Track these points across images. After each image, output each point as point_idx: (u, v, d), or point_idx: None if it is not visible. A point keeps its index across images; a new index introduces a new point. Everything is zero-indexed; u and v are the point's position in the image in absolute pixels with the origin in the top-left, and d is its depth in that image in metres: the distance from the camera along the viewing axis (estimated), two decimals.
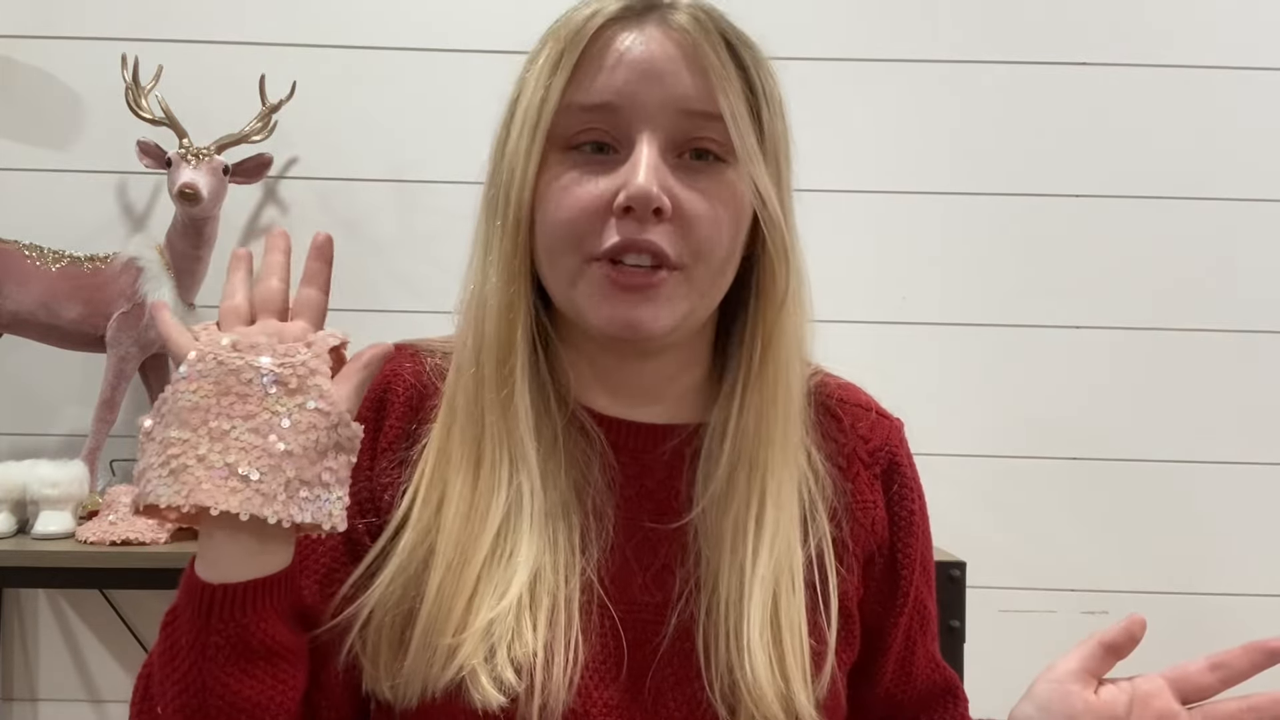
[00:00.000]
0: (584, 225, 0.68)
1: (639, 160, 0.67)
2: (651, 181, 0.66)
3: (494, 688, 0.64)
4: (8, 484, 1.42)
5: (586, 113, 0.69)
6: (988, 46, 1.75)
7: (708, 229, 0.68)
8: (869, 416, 0.82)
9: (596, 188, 0.68)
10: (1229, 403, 1.73)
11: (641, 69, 0.68)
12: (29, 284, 1.52)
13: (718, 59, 0.69)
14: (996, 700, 1.86)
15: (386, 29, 1.73)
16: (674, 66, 0.68)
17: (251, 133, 1.60)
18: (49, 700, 1.73)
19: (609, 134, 0.69)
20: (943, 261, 1.74)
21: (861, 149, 1.74)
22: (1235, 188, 1.74)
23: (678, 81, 0.68)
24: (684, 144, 0.69)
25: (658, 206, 0.66)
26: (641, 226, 0.67)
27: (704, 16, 0.70)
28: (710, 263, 0.69)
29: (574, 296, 0.70)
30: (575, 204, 0.68)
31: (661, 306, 0.68)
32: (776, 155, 0.72)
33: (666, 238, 0.67)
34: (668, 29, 0.69)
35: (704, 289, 0.71)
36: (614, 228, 0.67)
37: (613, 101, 0.68)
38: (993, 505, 1.73)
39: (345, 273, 1.87)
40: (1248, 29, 1.75)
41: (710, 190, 0.69)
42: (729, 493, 0.71)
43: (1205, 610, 1.73)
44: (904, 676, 0.83)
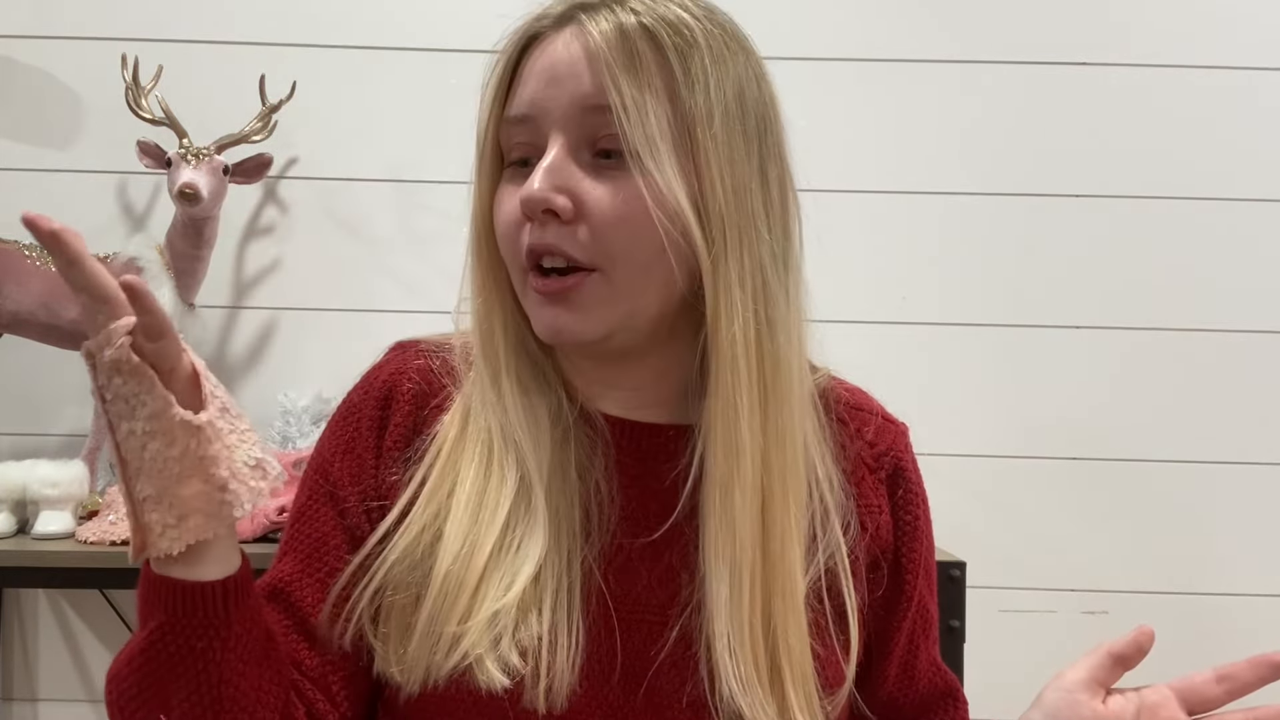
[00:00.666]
0: (511, 236, 0.70)
1: (539, 166, 0.68)
2: (539, 185, 0.66)
3: (499, 670, 0.65)
4: (8, 484, 1.42)
5: (512, 126, 0.71)
6: (988, 46, 1.75)
7: (615, 226, 0.66)
8: (874, 421, 0.81)
9: (514, 200, 0.69)
10: (1229, 403, 1.73)
11: (548, 76, 0.69)
12: (29, 284, 1.52)
13: (621, 49, 0.66)
14: (996, 700, 1.86)
15: (386, 29, 1.73)
16: (576, 67, 0.68)
17: (251, 133, 1.60)
18: (49, 700, 1.73)
19: (531, 144, 0.70)
20: (942, 261, 1.74)
21: (861, 149, 1.74)
22: (1235, 188, 1.74)
23: (579, 82, 0.67)
24: (591, 141, 0.68)
25: (546, 208, 0.66)
26: (543, 230, 0.67)
27: (626, 11, 0.68)
28: (630, 262, 0.67)
29: (526, 306, 0.72)
30: (503, 217, 0.71)
31: (587, 312, 0.68)
32: (692, 132, 0.67)
33: (568, 238, 0.67)
34: (580, 30, 0.68)
35: (631, 290, 0.68)
36: (527, 233, 0.69)
37: (527, 113, 0.69)
38: (993, 505, 1.73)
39: (345, 273, 1.87)
40: (1248, 29, 1.75)
41: (619, 186, 0.66)
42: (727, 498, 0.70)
43: (1205, 610, 1.73)
44: (906, 680, 0.83)
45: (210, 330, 1.69)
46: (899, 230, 1.74)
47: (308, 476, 0.78)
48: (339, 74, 1.73)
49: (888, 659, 0.81)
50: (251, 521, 1.38)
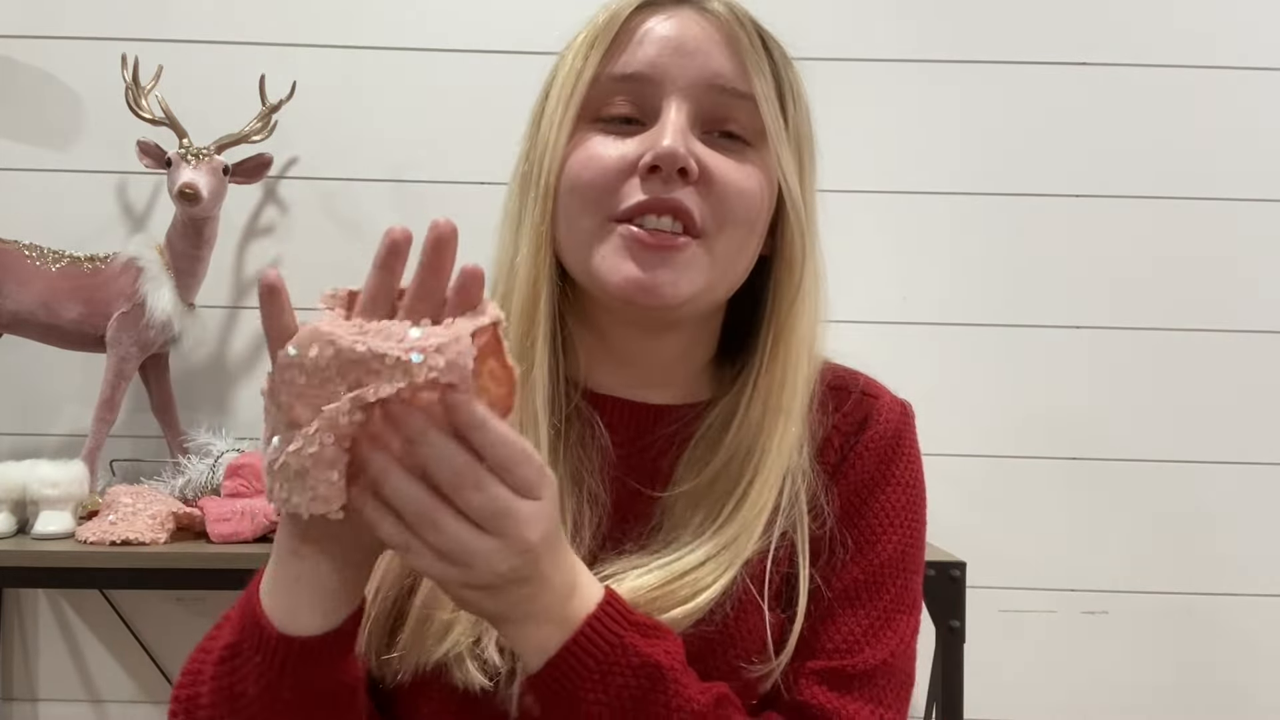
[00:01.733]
0: (606, 185, 0.68)
1: (666, 122, 0.67)
2: (679, 141, 0.66)
3: (478, 669, 0.65)
4: (8, 484, 1.42)
5: (617, 83, 0.70)
6: (988, 46, 1.75)
7: (734, 196, 0.69)
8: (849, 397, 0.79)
9: (621, 149, 0.68)
10: (1229, 403, 1.73)
11: (674, 44, 0.69)
12: (29, 284, 1.52)
13: (750, 44, 0.70)
14: (996, 700, 1.87)
15: (386, 29, 1.73)
16: (707, 44, 0.69)
17: (251, 133, 1.60)
18: (49, 700, 1.73)
19: (638, 105, 0.70)
20: (943, 261, 1.74)
21: (861, 149, 1.74)
22: (1235, 188, 1.74)
23: (710, 58, 0.69)
24: (712, 121, 0.70)
25: (683, 166, 0.66)
26: (667, 186, 0.67)
27: (739, 8, 0.72)
28: (734, 233, 0.70)
29: (591, 260, 0.69)
30: (598, 164, 0.69)
31: (681, 273, 0.68)
32: (800, 149, 0.74)
33: (692, 199, 0.67)
34: (703, 13, 0.71)
35: (725, 262, 0.70)
36: (638, 187, 0.68)
37: (643, 72, 0.69)
38: (993, 505, 1.73)
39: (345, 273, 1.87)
40: (1248, 29, 1.75)
41: (737, 162, 0.70)
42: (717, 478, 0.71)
43: (1205, 610, 1.73)
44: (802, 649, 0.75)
45: (210, 330, 1.69)
46: (899, 230, 1.74)
47: None
48: (339, 74, 1.73)
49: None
50: (251, 521, 1.38)
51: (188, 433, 1.60)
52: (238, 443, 1.56)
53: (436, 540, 0.52)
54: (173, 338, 1.56)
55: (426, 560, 0.53)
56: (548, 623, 0.58)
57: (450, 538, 0.51)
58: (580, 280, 0.72)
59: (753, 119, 0.70)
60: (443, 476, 0.51)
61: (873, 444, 0.77)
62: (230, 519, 1.38)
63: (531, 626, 0.58)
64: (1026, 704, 1.73)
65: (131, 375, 1.55)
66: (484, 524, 0.52)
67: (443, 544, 0.52)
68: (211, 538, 1.38)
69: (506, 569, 0.53)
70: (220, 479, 1.47)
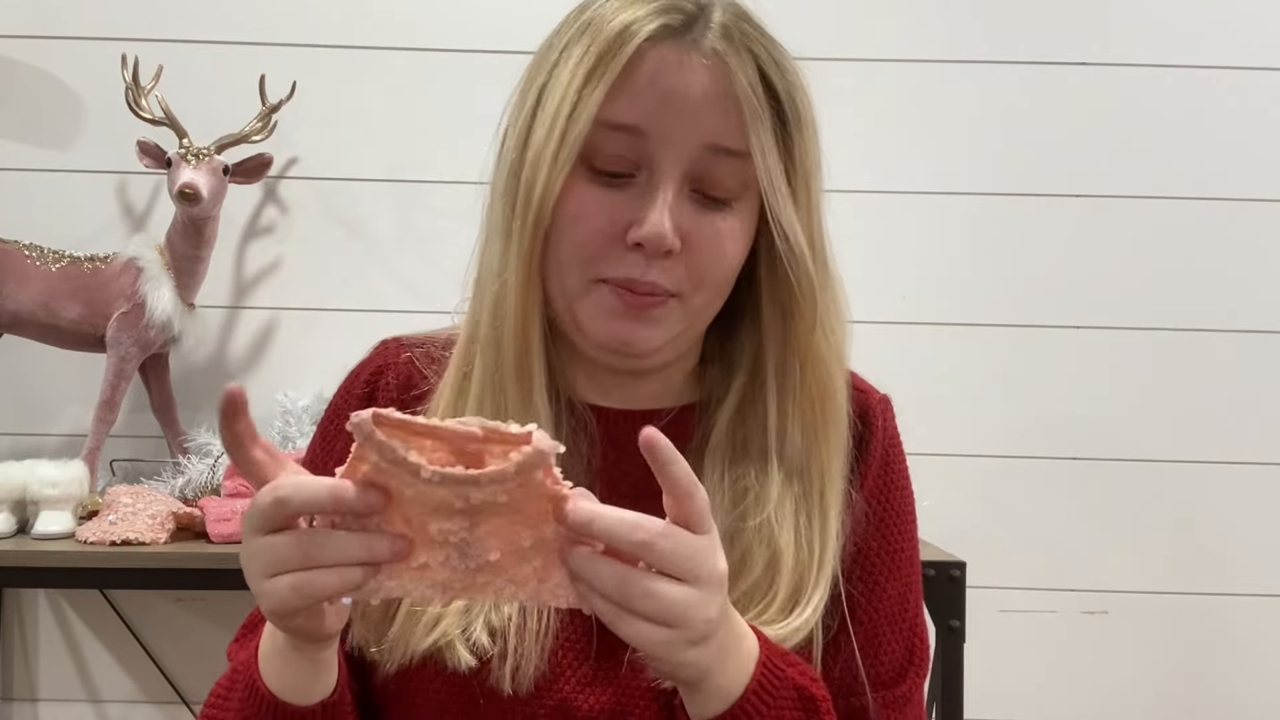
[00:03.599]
0: (594, 249, 0.69)
1: (655, 198, 0.67)
2: (666, 226, 0.67)
3: (466, 649, 0.67)
4: (8, 484, 1.42)
5: (613, 131, 0.68)
6: (988, 46, 1.75)
7: (710, 261, 0.70)
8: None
9: (609, 212, 0.68)
10: (1229, 403, 1.73)
11: (677, 101, 0.67)
12: (29, 284, 1.53)
13: (750, 90, 0.68)
14: (996, 700, 1.86)
15: (386, 29, 1.73)
16: (705, 101, 0.68)
17: (251, 133, 1.60)
18: (49, 700, 1.73)
19: (630, 159, 0.69)
20: (943, 261, 1.74)
21: (861, 149, 1.74)
22: (1235, 188, 1.74)
23: (707, 117, 0.68)
24: (701, 180, 0.69)
25: (668, 249, 0.68)
26: (649, 265, 0.68)
27: (738, 36, 0.69)
28: (708, 291, 0.71)
29: (576, 311, 0.71)
30: (589, 225, 0.69)
31: (657, 326, 0.70)
32: (808, 181, 0.73)
33: (669, 274, 0.69)
34: (702, 54, 0.68)
35: (696, 314, 0.72)
36: (624, 259, 0.68)
37: (640, 126, 0.68)
38: (993, 505, 1.73)
39: (345, 273, 1.88)
40: (1248, 29, 1.75)
41: (720, 224, 0.70)
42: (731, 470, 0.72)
43: (1205, 610, 1.73)
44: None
45: (210, 330, 1.69)
46: (899, 230, 1.74)
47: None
48: (339, 74, 1.73)
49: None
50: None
51: (188, 433, 1.60)
52: None
53: (652, 607, 0.53)
54: (173, 338, 1.56)
55: (645, 631, 0.54)
56: (735, 664, 0.60)
57: (662, 597, 0.53)
58: (562, 321, 0.73)
59: (743, 173, 0.69)
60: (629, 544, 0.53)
61: (878, 448, 0.79)
62: (230, 519, 1.38)
63: (731, 669, 0.60)
64: (1026, 704, 1.73)
65: (131, 375, 1.55)
66: (680, 573, 0.54)
67: (657, 608, 0.53)
68: (211, 538, 1.38)
69: (715, 612, 0.55)
70: (220, 479, 1.47)
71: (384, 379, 0.79)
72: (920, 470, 0.85)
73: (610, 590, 0.53)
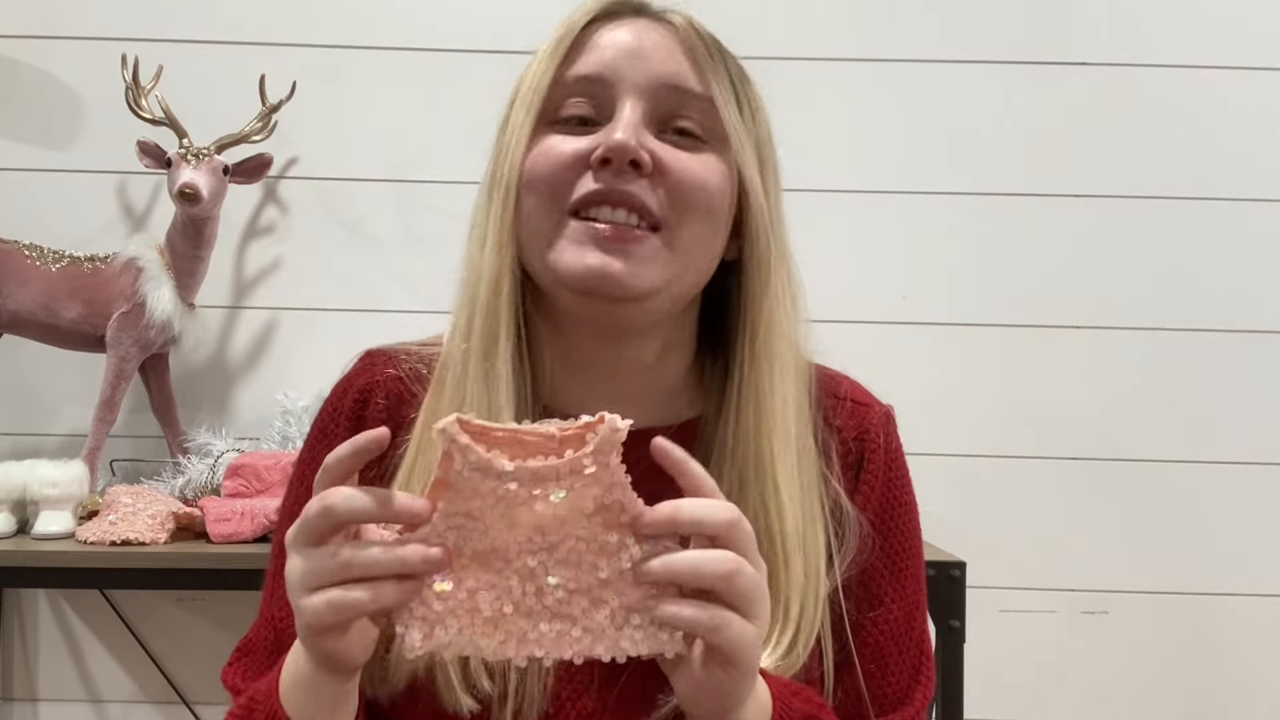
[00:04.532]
0: (561, 179, 0.68)
1: (619, 118, 0.68)
2: (630, 135, 0.67)
3: (465, 692, 0.65)
4: (8, 484, 1.42)
5: (573, 85, 0.70)
6: (988, 46, 1.75)
7: (691, 185, 0.69)
8: (844, 407, 0.79)
9: (575, 145, 0.69)
10: (1229, 403, 1.73)
11: (630, 48, 0.70)
12: (29, 284, 1.53)
13: (708, 53, 0.72)
14: (996, 700, 1.86)
15: (386, 29, 1.73)
16: (661, 50, 0.71)
17: (251, 133, 1.60)
18: (49, 700, 1.73)
19: (594, 106, 0.70)
20: (943, 261, 1.74)
21: (862, 148, 1.74)
22: (1235, 188, 1.74)
23: (665, 60, 0.70)
24: (667, 119, 0.70)
25: (634, 159, 0.67)
26: (619, 179, 0.67)
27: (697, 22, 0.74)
28: (694, 223, 0.69)
29: (549, 254, 0.69)
30: (553, 159, 0.69)
31: (642, 265, 0.68)
32: (761, 156, 0.73)
33: (646, 191, 0.68)
34: (659, 22, 0.73)
35: (686, 255, 0.70)
36: (591, 180, 0.68)
37: (599, 73, 0.70)
38: (993, 505, 1.73)
39: (345, 273, 1.87)
40: (1248, 29, 1.75)
41: (695, 153, 0.70)
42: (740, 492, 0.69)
43: (1205, 610, 1.73)
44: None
45: (210, 330, 1.69)
46: (899, 230, 1.74)
47: (288, 502, 0.78)
48: (339, 74, 1.73)
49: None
50: (251, 521, 1.38)
51: (188, 433, 1.60)
52: (238, 443, 1.56)
53: (730, 647, 0.54)
54: (173, 338, 1.56)
55: (719, 675, 0.55)
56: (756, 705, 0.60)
57: (744, 637, 0.54)
58: (542, 280, 0.71)
59: (708, 118, 0.70)
60: (712, 574, 0.54)
61: (879, 465, 0.77)
62: (230, 519, 1.38)
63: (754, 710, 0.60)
64: (1026, 704, 1.73)
65: (131, 375, 1.55)
66: (750, 612, 0.54)
67: (735, 647, 0.54)
68: (211, 538, 1.38)
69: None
70: (220, 479, 1.47)
71: (374, 399, 0.76)
72: (920, 470, 0.85)
73: (706, 633, 0.53)
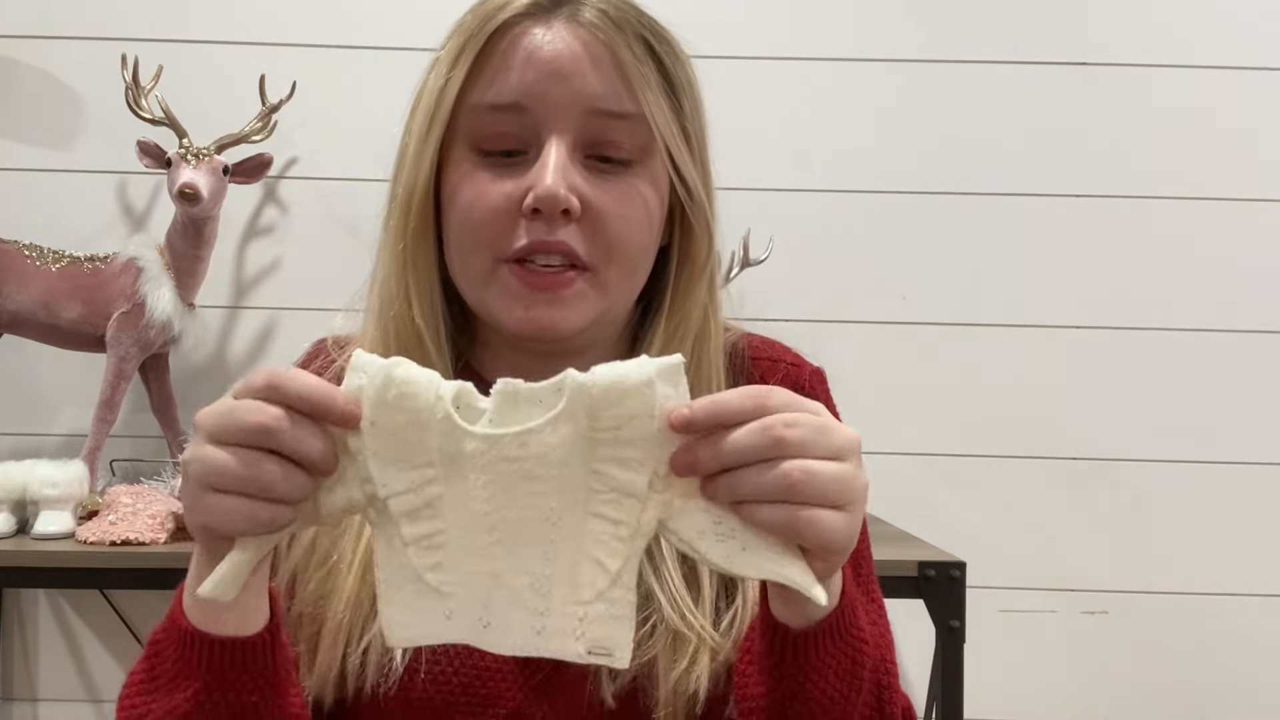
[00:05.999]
0: (493, 227, 0.68)
1: (547, 161, 0.66)
2: (559, 183, 0.66)
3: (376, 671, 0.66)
4: (8, 484, 1.42)
5: (494, 113, 0.68)
6: (988, 46, 1.75)
7: (617, 228, 0.68)
8: (780, 368, 0.79)
9: (504, 189, 0.68)
10: (1230, 403, 1.73)
11: (550, 68, 0.67)
12: (29, 284, 1.52)
13: (632, 55, 0.68)
14: (997, 700, 1.86)
15: (386, 29, 1.73)
16: (582, 66, 0.68)
17: (251, 133, 1.60)
18: (49, 700, 1.73)
19: (517, 136, 0.69)
20: (942, 261, 1.74)
21: (862, 148, 1.74)
22: (1235, 188, 1.74)
23: (586, 82, 0.67)
24: (591, 145, 0.69)
25: (565, 208, 0.66)
26: (550, 228, 0.67)
27: (615, 12, 0.70)
28: (622, 263, 0.70)
29: (485, 297, 0.70)
30: (485, 205, 0.68)
31: (571, 307, 0.69)
32: (700, 140, 0.73)
33: (576, 237, 0.67)
34: (576, 26, 0.68)
35: (615, 290, 0.71)
36: (523, 229, 0.67)
37: (521, 102, 0.68)
38: (993, 505, 1.73)
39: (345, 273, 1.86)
40: (1248, 29, 1.75)
41: (619, 191, 0.69)
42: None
43: (1205, 610, 1.73)
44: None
45: (210, 330, 1.69)
46: (899, 230, 1.74)
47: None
48: (339, 74, 1.72)
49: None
50: None
51: (187, 433, 1.60)
52: None
53: (821, 488, 0.51)
54: (173, 338, 1.56)
55: (828, 519, 0.52)
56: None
57: (826, 474, 0.51)
58: (477, 311, 0.73)
59: (635, 136, 0.69)
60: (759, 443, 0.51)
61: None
62: None
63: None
64: (1026, 704, 1.73)
65: (131, 375, 1.55)
66: (821, 455, 0.52)
67: (826, 488, 0.51)
68: None
69: (865, 478, 0.54)
70: None
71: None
72: (921, 470, 0.85)
73: (774, 487, 0.51)
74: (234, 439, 0.52)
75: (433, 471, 0.52)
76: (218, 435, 0.52)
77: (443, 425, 0.51)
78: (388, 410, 0.51)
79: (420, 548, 0.53)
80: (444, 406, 0.51)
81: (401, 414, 0.51)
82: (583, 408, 0.51)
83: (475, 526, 0.53)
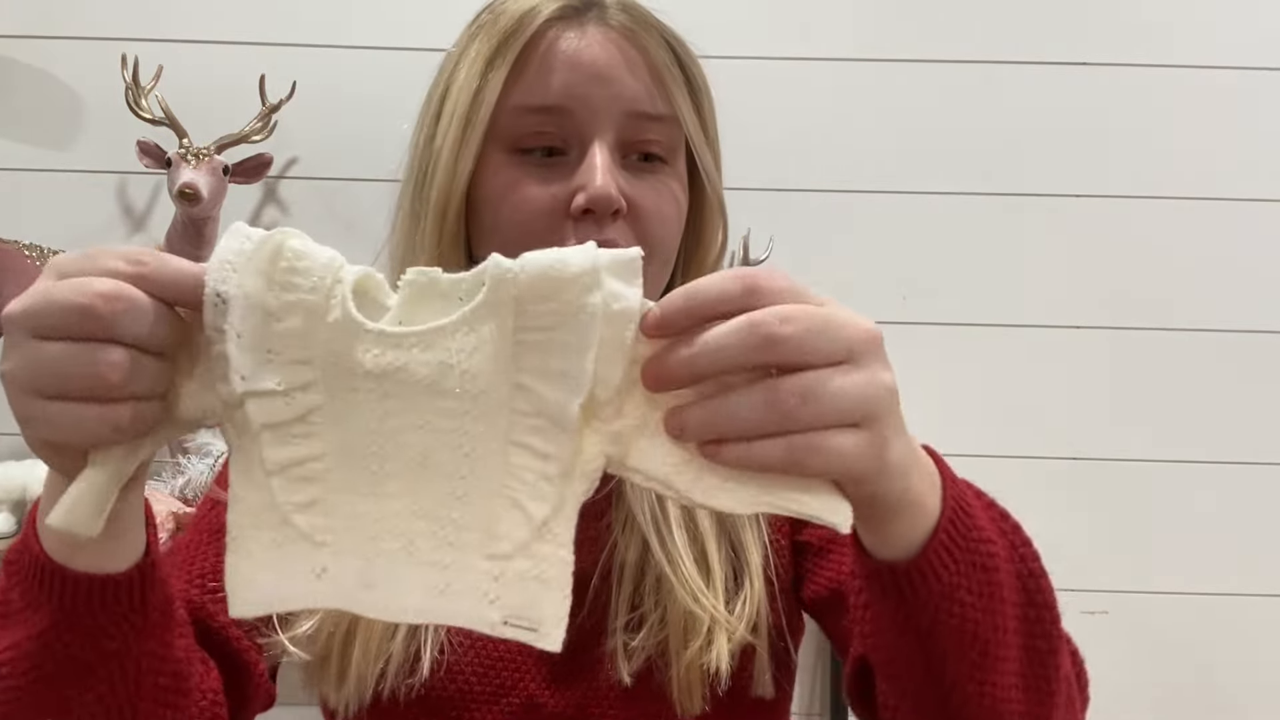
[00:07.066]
0: (540, 228, 0.68)
1: (595, 163, 0.67)
2: (609, 184, 0.67)
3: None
4: (8, 484, 1.42)
5: (535, 115, 0.69)
6: (988, 46, 1.75)
7: (658, 225, 0.70)
8: None
9: (550, 190, 0.68)
10: (1229, 403, 1.73)
11: (591, 71, 0.68)
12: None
13: (665, 58, 0.70)
14: None
15: (386, 29, 1.73)
16: (620, 69, 0.69)
17: (251, 133, 1.60)
18: None
19: (559, 137, 0.69)
20: (943, 261, 1.74)
21: (862, 148, 1.74)
22: (1235, 188, 1.74)
23: (625, 85, 0.69)
24: (631, 146, 0.70)
25: (616, 208, 0.67)
26: (600, 228, 0.67)
27: (639, 14, 0.71)
28: (660, 259, 0.71)
29: None
30: (532, 207, 0.68)
31: None
32: (717, 143, 0.76)
33: (624, 236, 0.68)
34: (608, 29, 0.70)
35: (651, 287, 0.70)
36: (571, 229, 0.68)
37: (564, 104, 0.68)
38: None
39: None
40: (1248, 29, 1.75)
41: (656, 190, 0.70)
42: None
43: (1205, 610, 1.73)
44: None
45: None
46: (899, 230, 1.74)
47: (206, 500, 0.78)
48: (339, 74, 1.72)
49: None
50: None
51: (187, 433, 1.60)
52: None
53: (826, 407, 0.41)
54: None
55: (839, 442, 0.42)
56: (922, 466, 0.49)
57: (827, 389, 0.41)
58: None
59: (668, 137, 0.71)
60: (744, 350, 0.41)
61: None
62: None
63: (920, 470, 0.49)
64: None
65: None
66: (825, 356, 0.42)
67: (831, 405, 0.41)
68: None
69: (891, 378, 0.45)
70: None
71: None
72: None
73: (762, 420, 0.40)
74: (59, 329, 0.43)
75: (311, 374, 0.41)
76: (39, 327, 0.43)
77: (337, 318, 0.41)
78: (269, 286, 0.41)
79: (288, 479, 0.41)
80: (342, 291, 0.41)
81: (288, 293, 0.41)
82: (508, 301, 0.40)
83: (362, 453, 0.41)
